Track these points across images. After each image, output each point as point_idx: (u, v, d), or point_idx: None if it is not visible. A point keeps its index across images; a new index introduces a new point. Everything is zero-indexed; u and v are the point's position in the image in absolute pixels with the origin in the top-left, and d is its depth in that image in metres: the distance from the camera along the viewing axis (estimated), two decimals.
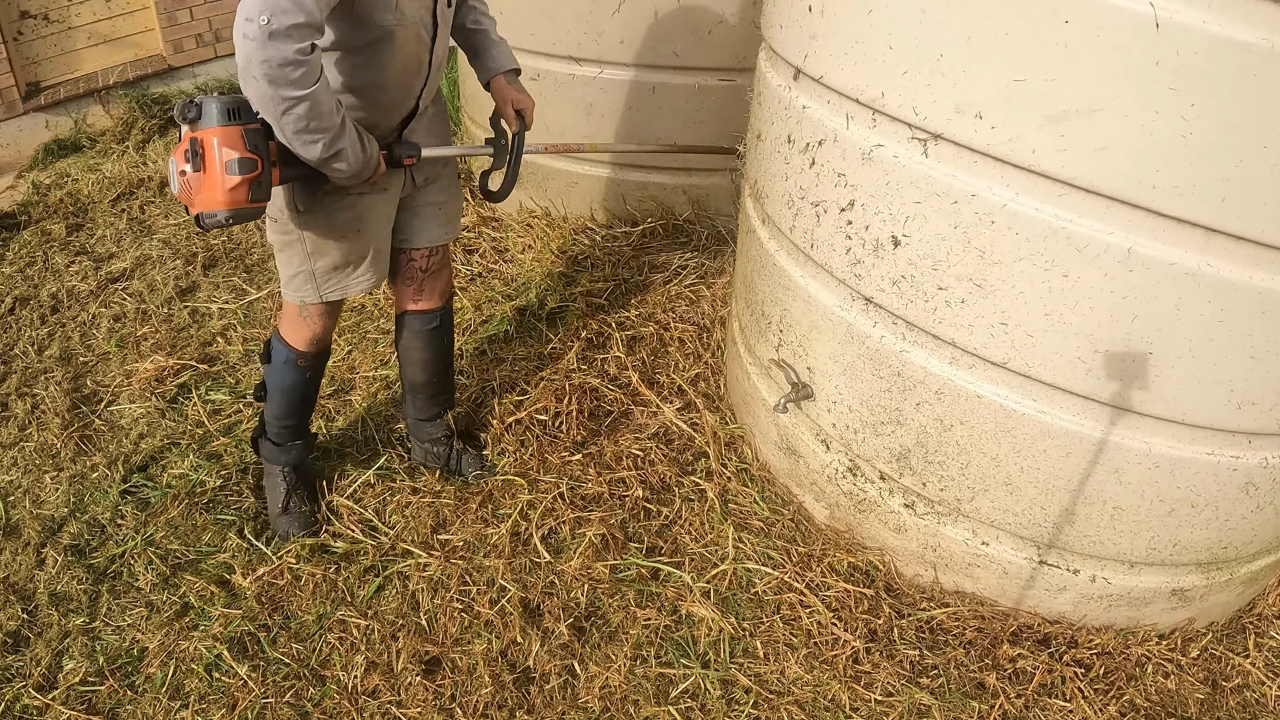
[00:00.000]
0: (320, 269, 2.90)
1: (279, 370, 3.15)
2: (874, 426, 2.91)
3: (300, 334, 3.07)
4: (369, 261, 2.97)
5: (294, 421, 3.30)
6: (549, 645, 2.91)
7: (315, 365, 3.19)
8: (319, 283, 2.93)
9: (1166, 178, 2.02)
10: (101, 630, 3.02)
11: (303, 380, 3.19)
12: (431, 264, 3.22)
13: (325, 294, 2.96)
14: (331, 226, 2.83)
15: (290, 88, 2.29)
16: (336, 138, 2.47)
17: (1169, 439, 2.46)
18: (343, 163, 2.54)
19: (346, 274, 2.95)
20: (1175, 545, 2.71)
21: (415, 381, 3.46)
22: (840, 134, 2.61)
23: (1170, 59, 1.90)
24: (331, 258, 2.89)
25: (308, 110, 2.36)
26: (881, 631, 2.95)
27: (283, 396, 3.21)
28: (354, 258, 2.93)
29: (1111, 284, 2.21)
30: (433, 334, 3.35)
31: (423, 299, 3.28)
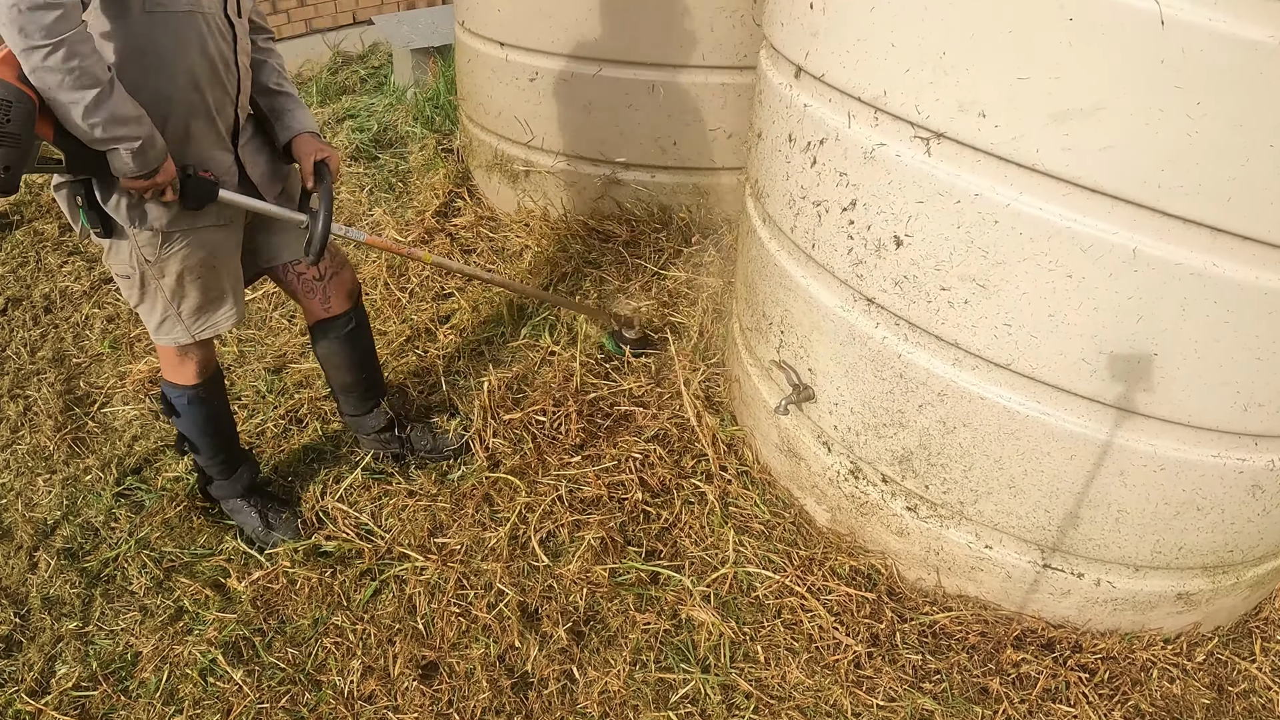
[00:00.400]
0: (185, 311, 2.86)
1: (187, 414, 3.12)
2: (876, 429, 2.91)
3: (186, 371, 3.05)
4: (230, 297, 2.94)
5: (225, 453, 3.28)
6: (547, 650, 2.91)
7: (214, 389, 3.17)
8: (187, 324, 2.89)
9: (1172, 177, 2.02)
10: (95, 634, 3.02)
11: (213, 409, 3.17)
12: (324, 269, 3.17)
13: (196, 333, 2.92)
14: (186, 269, 2.78)
15: (39, 33, 2.16)
16: (100, 101, 2.30)
17: (1174, 441, 2.46)
18: (121, 155, 2.41)
19: (212, 312, 2.92)
20: (1181, 549, 2.71)
21: (345, 383, 3.46)
22: (842, 133, 2.61)
23: (1175, 57, 1.90)
24: (192, 299, 2.85)
25: (61, 60, 2.21)
26: (884, 636, 2.94)
27: (203, 436, 3.19)
28: (214, 295, 2.89)
29: (1116, 284, 2.21)
30: (351, 336, 3.33)
31: (331, 304, 3.24)
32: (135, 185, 2.51)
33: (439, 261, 3.51)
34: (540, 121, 4.70)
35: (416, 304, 4.45)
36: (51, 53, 2.19)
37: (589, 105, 4.53)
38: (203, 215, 2.73)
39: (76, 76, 2.25)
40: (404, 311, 4.38)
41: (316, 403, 3.85)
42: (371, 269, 4.68)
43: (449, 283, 4.59)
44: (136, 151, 2.43)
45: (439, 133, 6.03)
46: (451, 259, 4.37)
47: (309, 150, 2.95)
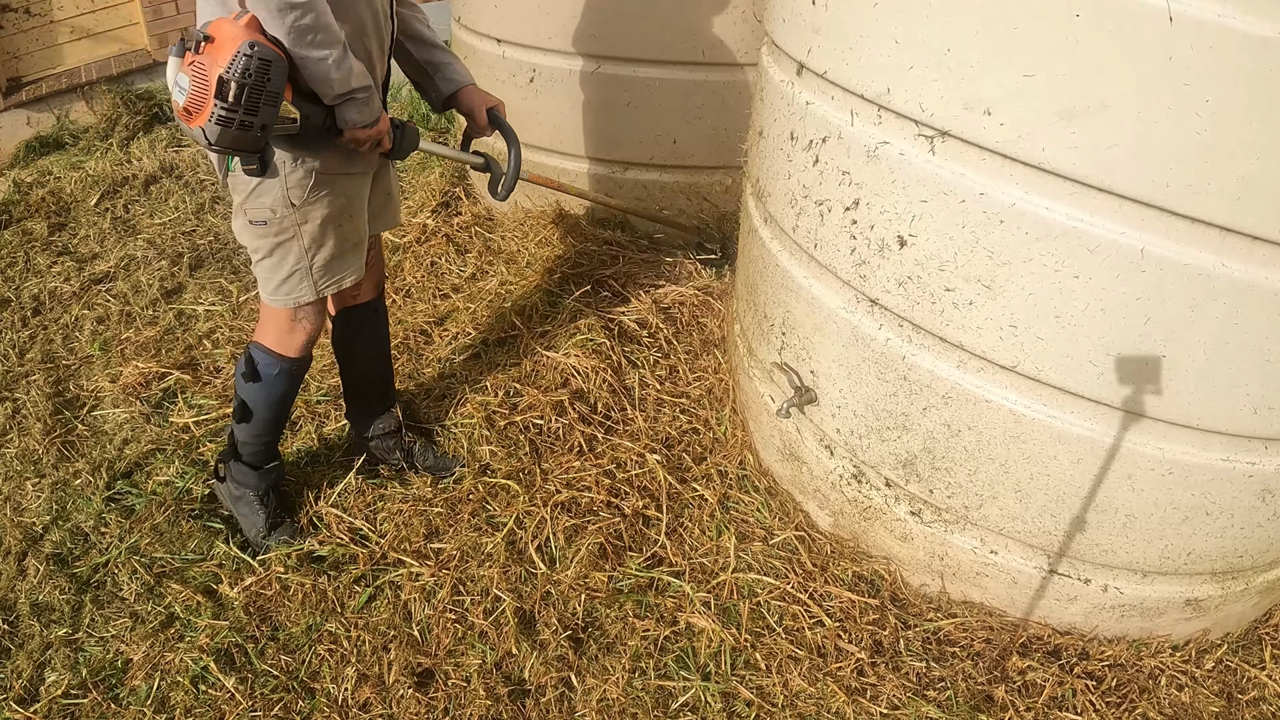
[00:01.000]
0: (318, 263, 2.89)
1: (271, 385, 3.09)
2: (879, 432, 2.91)
3: (294, 340, 3.04)
4: (358, 247, 2.98)
5: (272, 438, 3.26)
6: (545, 657, 2.91)
7: (306, 368, 3.18)
8: (315, 278, 2.91)
9: (1180, 176, 2.02)
10: (84, 641, 3.02)
11: (293, 390, 3.18)
12: (374, 255, 3.24)
13: (322, 288, 2.94)
14: (328, 215, 2.82)
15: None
16: (344, 57, 2.50)
17: (1183, 444, 2.46)
18: (355, 105, 2.60)
19: (342, 263, 2.94)
20: (1189, 554, 2.70)
21: (362, 377, 3.47)
22: (845, 131, 2.61)
23: (1184, 53, 1.90)
24: (328, 249, 2.88)
25: (313, 20, 2.39)
26: (887, 643, 2.94)
27: (270, 412, 3.16)
28: (348, 245, 2.93)
29: (1124, 285, 2.21)
30: (375, 325, 3.38)
31: (361, 290, 3.28)
32: (362, 135, 2.68)
33: (581, 192, 4.07)
34: (537, 119, 4.70)
35: (412, 304, 4.45)
36: (305, 12, 2.38)
37: (587, 103, 4.53)
38: (354, 161, 2.81)
39: (326, 34, 2.45)
40: (398, 313, 4.38)
41: (311, 405, 3.84)
42: None
43: (443, 283, 4.59)
44: (365, 101, 2.62)
45: (435, 130, 6.04)
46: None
47: (480, 101, 3.15)
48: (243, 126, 2.43)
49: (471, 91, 3.15)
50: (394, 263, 4.68)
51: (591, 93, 4.49)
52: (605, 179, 4.73)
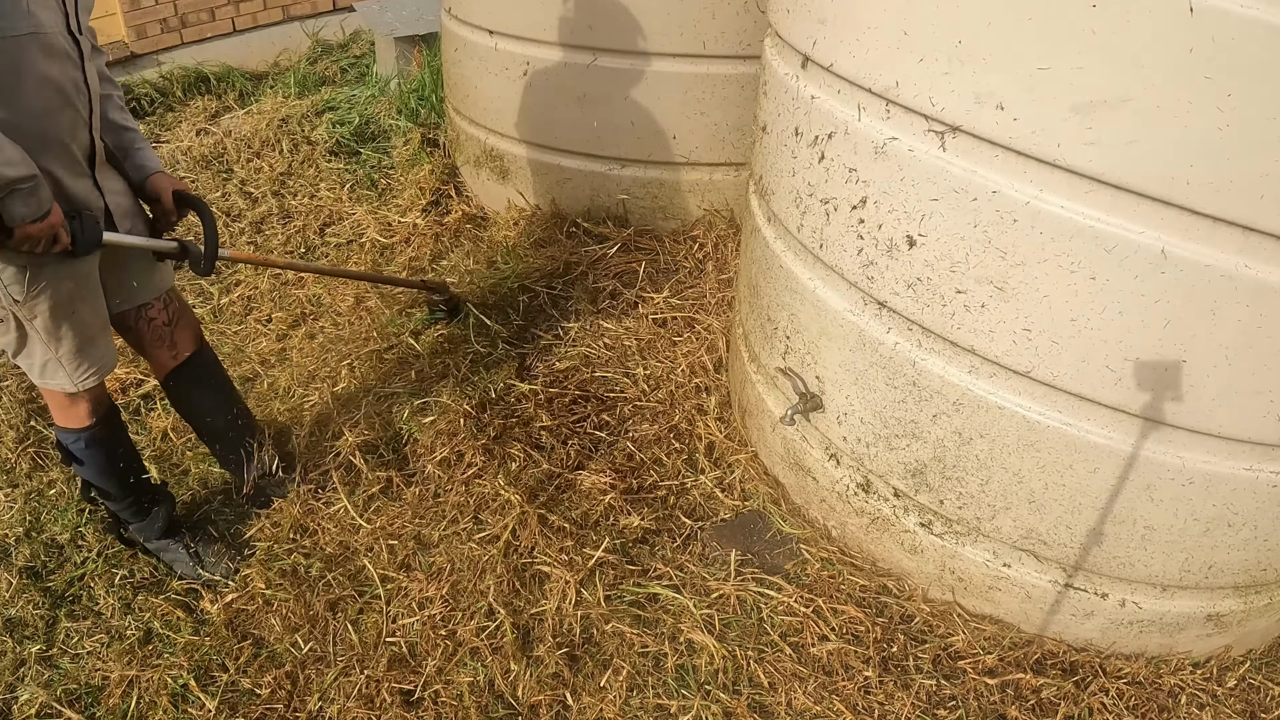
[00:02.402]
0: (65, 355, 2.79)
1: (89, 459, 3.05)
2: (887, 440, 2.91)
3: (79, 412, 2.97)
4: (106, 333, 2.89)
5: (137, 491, 3.21)
6: (539, 675, 2.90)
7: (112, 425, 3.10)
8: (69, 370, 2.82)
9: (1201, 173, 2.02)
10: (59, 658, 3.01)
11: (114, 448, 3.11)
12: (173, 315, 3.14)
13: (79, 380, 2.85)
14: (56, 305, 2.69)
15: None
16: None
17: (1204, 453, 2.45)
18: (19, 198, 2.38)
19: (92, 351, 2.84)
20: (1211, 567, 2.70)
21: (219, 427, 3.39)
22: (851, 126, 2.60)
23: (1205, 45, 1.90)
24: (70, 339, 2.77)
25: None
26: (895, 659, 2.94)
27: (110, 478, 3.12)
28: (92, 330, 2.82)
29: (1142, 287, 2.21)
30: (210, 375, 3.31)
31: (179, 350, 3.18)
32: (32, 232, 2.44)
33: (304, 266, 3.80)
34: (532, 114, 4.70)
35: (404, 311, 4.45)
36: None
37: (583, 97, 4.53)
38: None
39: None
40: (379, 319, 4.38)
41: (292, 411, 3.84)
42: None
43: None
44: (30, 192, 2.39)
45: (424, 126, 6.03)
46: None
47: (167, 184, 2.98)
48: None
49: (158, 178, 2.98)
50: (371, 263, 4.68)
51: (588, 86, 4.49)
52: (602, 176, 4.73)
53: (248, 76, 7.03)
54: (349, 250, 4.94)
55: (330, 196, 5.42)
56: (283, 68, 7.25)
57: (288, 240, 5.08)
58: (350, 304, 4.49)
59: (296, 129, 6.07)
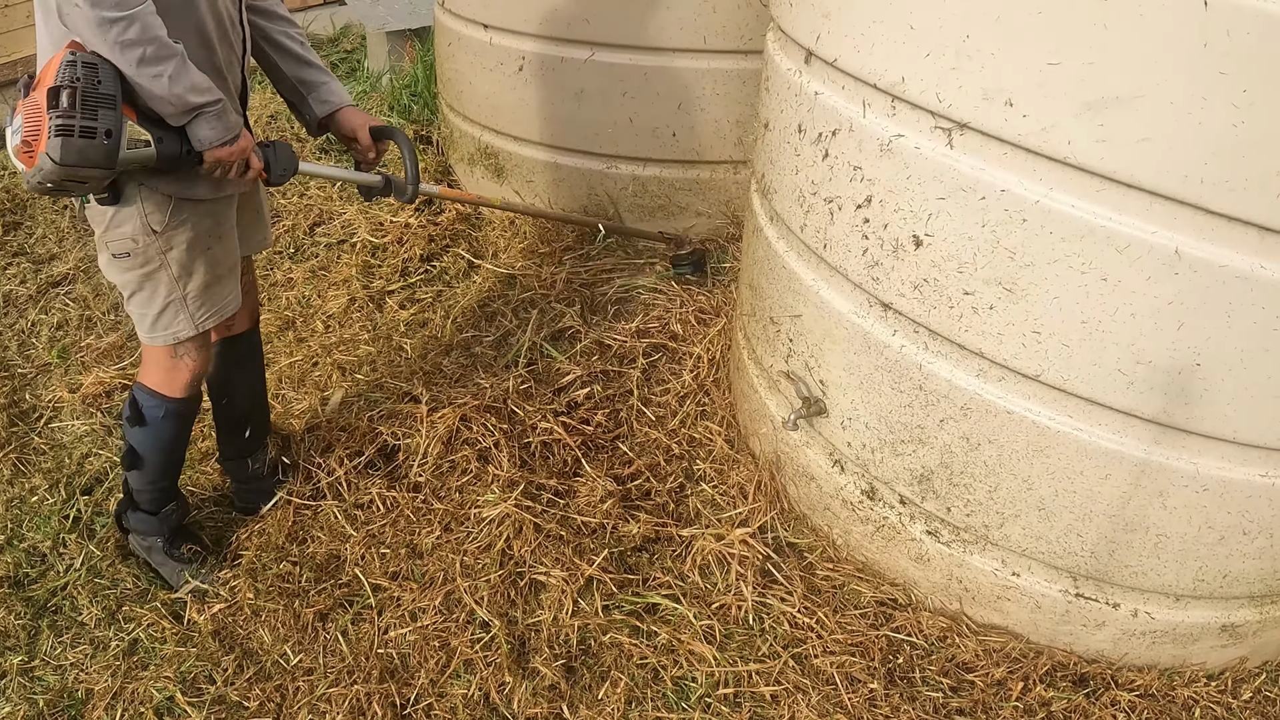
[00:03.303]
0: (192, 292, 2.83)
1: (157, 429, 3.05)
2: (893, 445, 2.90)
3: (177, 379, 2.99)
4: (233, 271, 2.93)
5: (169, 481, 3.23)
6: (535, 687, 2.90)
7: (196, 406, 3.13)
8: (192, 310, 2.85)
9: (1216, 171, 2.02)
10: (41, 670, 3.00)
11: (184, 430, 3.13)
12: (247, 282, 3.18)
13: (200, 321, 2.88)
14: (195, 239, 2.76)
15: (113, 8, 2.27)
16: (181, 70, 2.42)
17: (1218, 459, 2.45)
18: (206, 121, 2.53)
19: (218, 291, 2.89)
20: (1225, 576, 2.70)
21: (239, 414, 3.41)
22: (856, 123, 2.60)
23: (1220, 40, 1.90)
24: (200, 276, 2.82)
25: (139, 32, 2.32)
26: (902, 671, 2.93)
27: (162, 456, 3.13)
28: (222, 270, 2.88)
29: (1155, 288, 2.21)
30: (250, 359, 3.34)
31: (235, 321, 3.21)
32: (222, 156, 2.61)
33: (506, 206, 4.11)
34: (527, 111, 4.70)
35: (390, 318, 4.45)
36: (129, 24, 2.30)
37: (580, 93, 4.52)
38: (219, 186, 2.76)
39: (157, 47, 2.37)
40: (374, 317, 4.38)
41: (281, 416, 3.83)
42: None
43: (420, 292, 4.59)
44: (219, 115, 2.55)
45: (417, 123, 6.03)
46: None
47: (361, 120, 3.12)
48: (85, 134, 2.35)
49: (350, 113, 3.10)
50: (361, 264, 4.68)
51: (585, 82, 4.49)
52: (599, 174, 4.73)
53: None
54: (339, 250, 4.93)
55: (320, 195, 5.42)
56: None
57: (276, 240, 5.08)
58: (342, 305, 4.48)
59: (286, 126, 6.06)
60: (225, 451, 3.50)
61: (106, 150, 2.40)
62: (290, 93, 3.09)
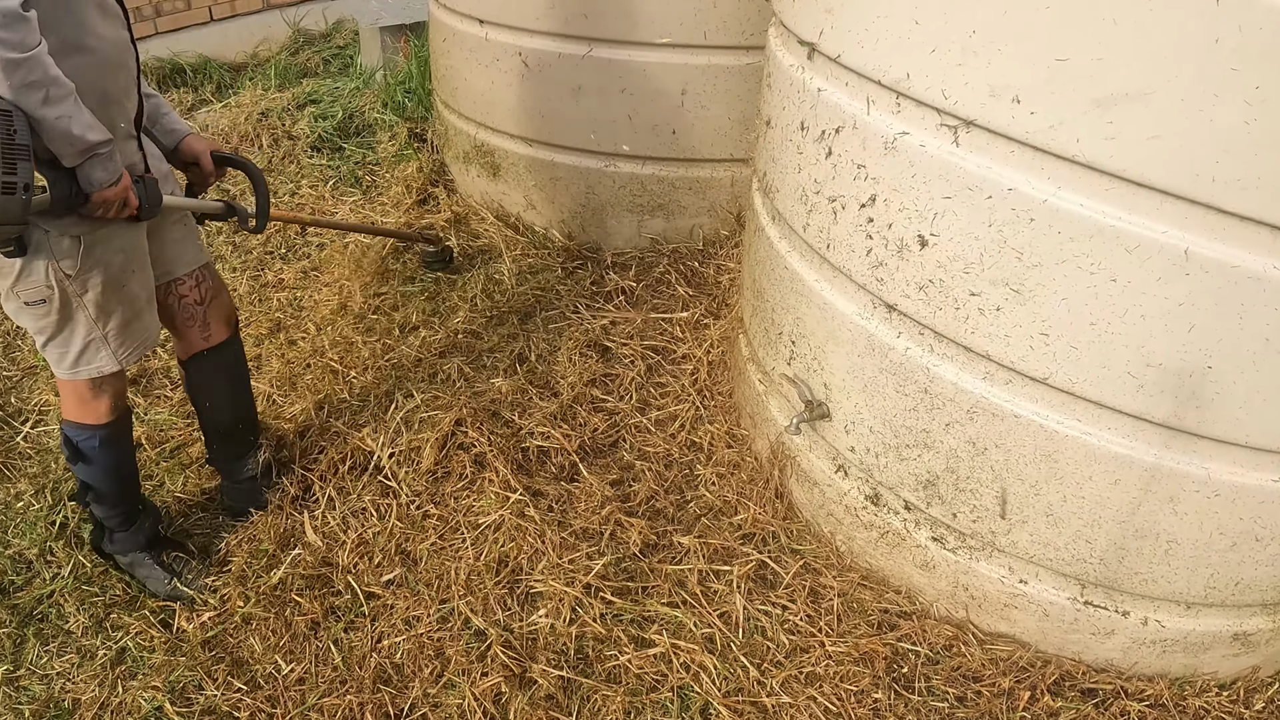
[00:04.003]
0: (112, 331, 2.82)
1: (97, 459, 3.04)
2: (898, 450, 2.90)
3: (100, 407, 2.98)
4: (150, 302, 2.92)
5: (129, 501, 3.21)
6: (533, 697, 2.89)
7: (126, 426, 3.12)
8: (113, 348, 2.85)
9: (1228, 169, 2.02)
10: (27, 679, 3.00)
11: (123, 451, 3.12)
12: (206, 294, 3.17)
13: (123, 358, 2.88)
14: (110, 279, 2.74)
15: (14, 49, 2.21)
16: (77, 109, 2.38)
17: (1230, 464, 2.45)
18: (99, 163, 2.49)
19: (138, 326, 2.88)
20: (1237, 584, 2.70)
21: (225, 424, 3.41)
22: (860, 120, 2.60)
23: (1231, 36, 1.90)
24: (119, 314, 2.80)
25: (41, 72, 2.28)
26: (907, 681, 2.93)
27: (114, 482, 3.12)
28: (140, 304, 2.86)
29: (1166, 289, 2.21)
30: (232, 367, 3.33)
31: (211, 334, 3.21)
32: (109, 196, 2.55)
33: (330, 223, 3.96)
34: (524, 108, 4.70)
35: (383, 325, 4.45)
36: (32, 66, 2.26)
37: (578, 90, 4.52)
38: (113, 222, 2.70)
39: (57, 87, 2.32)
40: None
41: (272, 420, 3.83)
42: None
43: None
44: (110, 155, 2.51)
45: (411, 120, 6.03)
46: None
47: (203, 146, 3.08)
48: (6, 190, 2.30)
49: (193, 140, 3.08)
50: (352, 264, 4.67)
51: (583, 78, 4.49)
52: (598, 172, 4.72)
53: (226, 68, 7.04)
54: (331, 251, 4.93)
55: (312, 194, 5.42)
56: (262, 59, 7.25)
57: (267, 240, 5.07)
58: (334, 307, 4.48)
59: (277, 123, 6.07)
60: (215, 456, 3.50)
61: (23, 204, 2.36)
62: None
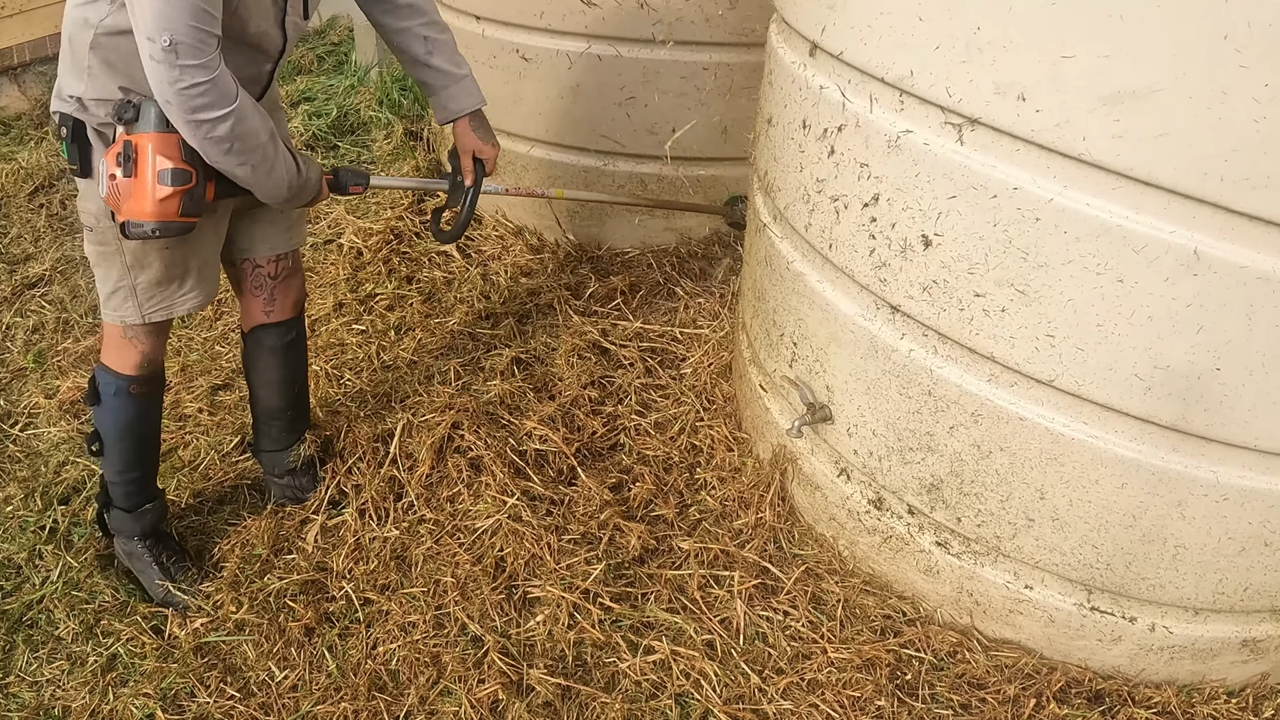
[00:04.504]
0: (142, 285, 2.85)
1: (111, 406, 3.06)
2: (901, 453, 2.90)
3: (128, 358, 3.01)
4: (195, 276, 2.93)
5: (140, 473, 3.22)
6: (530, 704, 2.89)
7: (151, 392, 3.13)
8: (140, 301, 2.88)
9: (1237, 168, 2.01)
10: (16, 687, 3.00)
11: (141, 412, 3.13)
12: (281, 270, 3.21)
13: (148, 314, 2.91)
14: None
15: (205, 110, 2.36)
16: (265, 158, 2.58)
17: (1239, 467, 2.44)
18: (279, 185, 2.69)
19: (170, 290, 2.90)
20: (1247, 589, 2.70)
21: (272, 407, 3.44)
22: (863, 118, 2.60)
23: (1241, 32, 1.89)
24: (153, 271, 2.83)
25: (230, 130, 2.43)
26: (910, 688, 2.93)
27: (122, 439, 3.13)
28: (178, 271, 2.88)
29: (1174, 290, 2.20)
30: (289, 349, 3.34)
31: (275, 310, 3.24)
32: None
33: (575, 195, 4.04)
34: (521, 106, 4.70)
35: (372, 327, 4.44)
36: (215, 126, 2.44)
37: (576, 87, 4.52)
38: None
39: (242, 146, 2.52)
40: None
41: None
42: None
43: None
44: (291, 196, 2.79)
45: (407, 118, 6.03)
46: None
47: (469, 146, 3.27)
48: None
49: (464, 130, 3.26)
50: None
51: (581, 76, 4.48)
52: (596, 171, 4.72)
53: None
54: (326, 251, 4.92)
55: None
56: None
57: None
58: (329, 308, 4.48)
59: None
60: (259, 443, 3.54)
61: (187, 226, 2.65)
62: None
